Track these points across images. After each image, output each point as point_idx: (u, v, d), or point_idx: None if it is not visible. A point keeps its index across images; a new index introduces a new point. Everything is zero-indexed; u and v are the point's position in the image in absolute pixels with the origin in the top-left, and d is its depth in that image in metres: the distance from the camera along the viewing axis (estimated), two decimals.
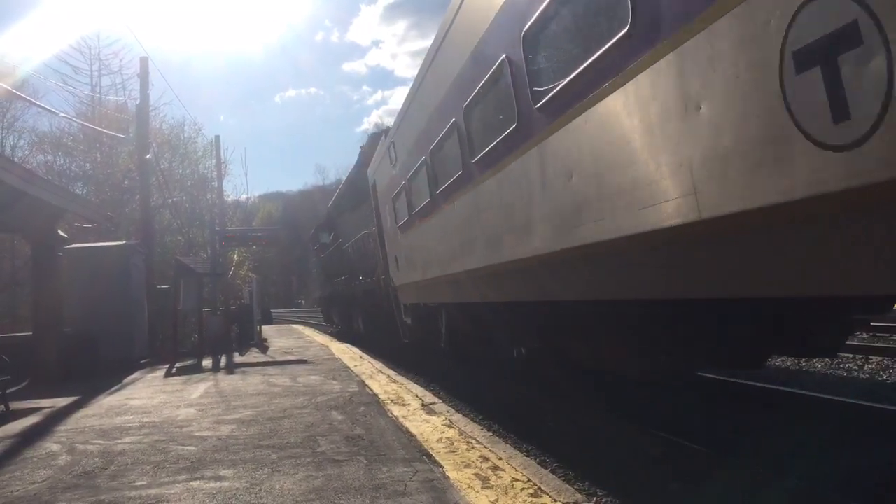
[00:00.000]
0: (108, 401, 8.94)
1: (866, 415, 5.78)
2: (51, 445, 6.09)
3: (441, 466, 4.50)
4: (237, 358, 15.08)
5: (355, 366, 11.51)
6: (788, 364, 9.14)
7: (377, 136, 15.17)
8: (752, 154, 2.87)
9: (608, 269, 4.50)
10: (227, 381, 10.48)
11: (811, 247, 2.72)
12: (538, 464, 4.84)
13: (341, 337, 21.65)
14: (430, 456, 4.81)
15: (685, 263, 3.58)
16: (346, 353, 14.34)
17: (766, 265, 2.99)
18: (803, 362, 9.08)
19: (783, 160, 2.69)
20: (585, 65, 4.22)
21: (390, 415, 6.56)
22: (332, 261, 25.23)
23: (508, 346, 9.37)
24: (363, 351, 15.11)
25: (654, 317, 4.73)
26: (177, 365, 13.29)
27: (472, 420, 6.66)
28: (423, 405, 7.03)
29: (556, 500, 3.69)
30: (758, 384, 7.51)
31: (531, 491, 3.87)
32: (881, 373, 8.02)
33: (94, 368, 12.52)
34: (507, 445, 5.28)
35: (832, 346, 4.67)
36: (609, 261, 4.42)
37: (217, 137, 25.08)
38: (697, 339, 4.65)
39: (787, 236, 2.82)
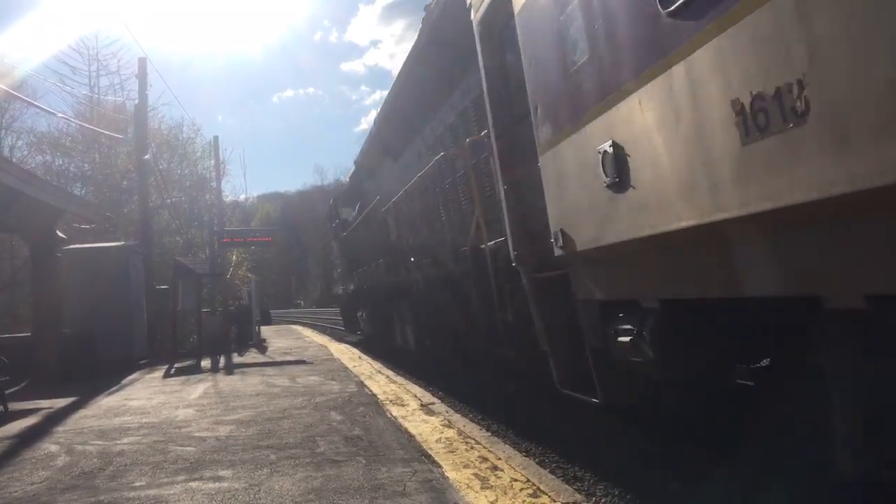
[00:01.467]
0: (106, 401, 8.93)
1: None
2: (49, 446, 6.08)
3: (440, 466, 4.50)
4: (236, 358, 15.08)
5: (354, 366, 11.50)
6: None
7: None
8: None
9: None
10: (225, 382, 10.47)
11: None
12: (537, 464, 4.84)
13: (372, 351, 15.24)
14: (429, 456, 4.80)
15: None
16: (345, 354, 14.33)
17: None
18: None
19: None
20: None
21: (389, 415, 6.55)
22: (359, 240, 16.75)
23: None
24: (362, 352, 15.09)
25: None
26: (176, 365, 13.28)
27: (471, 420, 6.65)
28: (421, 405, 7.02)
29: (555, 501, 3.69)
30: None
31: (530, 491, 3.87)
32: None
33: (92, 369, 12.51)
34: (506, 445, 5.28)
35: None
36: None
37: (215, 138, 25.21)
38: None
39: None
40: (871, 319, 2.60)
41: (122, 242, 18.32)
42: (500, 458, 4.63)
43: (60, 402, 8.93)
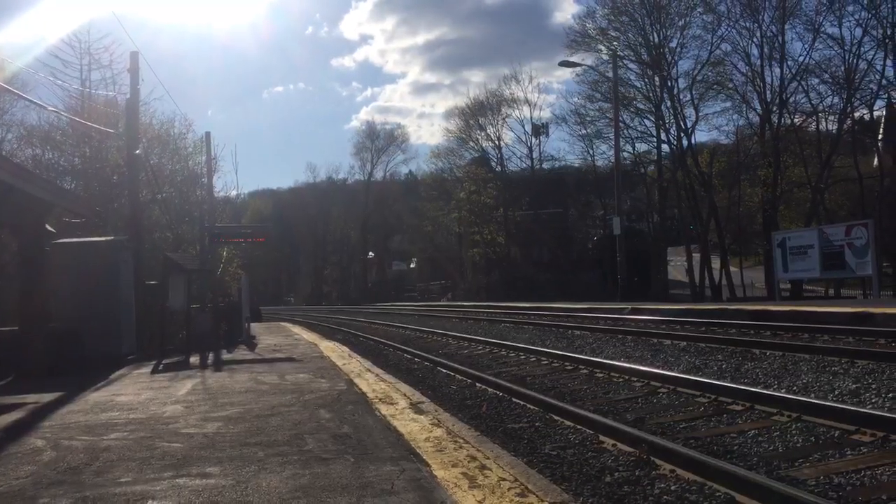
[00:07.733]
0: (94, 397, 8.87)
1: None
2: (35, 441, 6.03)
3: (428, 465, 4.50)
4: (225, 355, 15.02)
5: (343, 364, 11.49)
6: (775, 366, 9.19)
7: None
8: None
9: None
10: (214, 379, 10.44)
11: None
12: (525, 463, 4.86)
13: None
14: (417, 455, 4.81)
15: None
16: (335, 352, 14.31)
17: None
18: (789, 364, 9.13)
19: None
20: None
21: (378, 413, 6.55)
22: None
23: None
24: (351, 350, 15.08)
25: None
26: (164, 361, 13.22)
27: (460, 419, 6.66)
28: (410, 404, 7.03)
29: (542, 500, 3.70)
30: (741, 387, 7.55)
31: (518, 490, 3.88)
32: (866, 376, 8.08)
33: (80, 364, 12.41)
34: (495, 445, 5.30)
35: None
36: None
37: (207, 134, 25.15)
38: None
39: None
40: None
41: (112, 237, 18.20)
42: (488, 458, 4.64)
43: (47, 397, 8.86)
